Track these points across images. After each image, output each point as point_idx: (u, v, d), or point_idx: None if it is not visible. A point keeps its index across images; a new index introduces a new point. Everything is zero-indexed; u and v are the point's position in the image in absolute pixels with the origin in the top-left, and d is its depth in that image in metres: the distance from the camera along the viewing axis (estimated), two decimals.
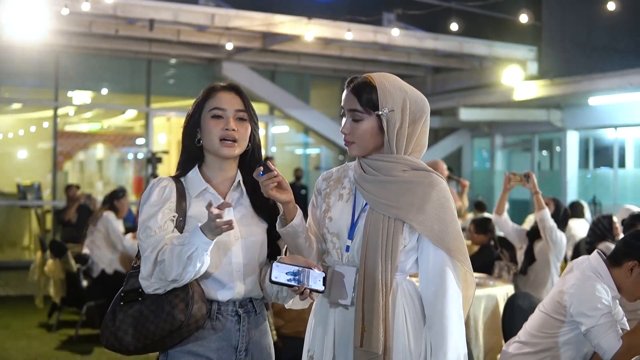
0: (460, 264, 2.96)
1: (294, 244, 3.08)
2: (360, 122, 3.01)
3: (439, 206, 2.94)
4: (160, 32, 14.60)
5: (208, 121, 3.12)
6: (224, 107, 3.12)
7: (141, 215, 3.04)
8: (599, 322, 4.46)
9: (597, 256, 4.74)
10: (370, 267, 2.93)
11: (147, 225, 2.99)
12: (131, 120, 19.79)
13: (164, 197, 3.06)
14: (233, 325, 3.09)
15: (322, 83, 20.46)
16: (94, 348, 8.57)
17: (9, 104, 17.99)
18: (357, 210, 3.07)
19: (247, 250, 3.11)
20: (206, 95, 3.18)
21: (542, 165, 20.37)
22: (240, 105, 3.15)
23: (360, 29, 15.14)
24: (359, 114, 3.01)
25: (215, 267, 3.05)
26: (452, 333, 2.90)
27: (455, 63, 18.30)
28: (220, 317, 3.07)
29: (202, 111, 3.15)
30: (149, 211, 3.03)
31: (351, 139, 3.04)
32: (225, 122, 3.10)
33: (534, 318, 4.95)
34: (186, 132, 3.20)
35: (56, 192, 16.85)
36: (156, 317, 2.95)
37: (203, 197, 3.11)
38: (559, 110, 18.32)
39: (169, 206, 3.05)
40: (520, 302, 5.98)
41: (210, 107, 3.13)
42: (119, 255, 9.27)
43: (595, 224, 7.33)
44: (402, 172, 2.99)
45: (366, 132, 3.00)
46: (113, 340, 3.03)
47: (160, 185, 3.11)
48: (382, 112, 2.97)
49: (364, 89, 3.01)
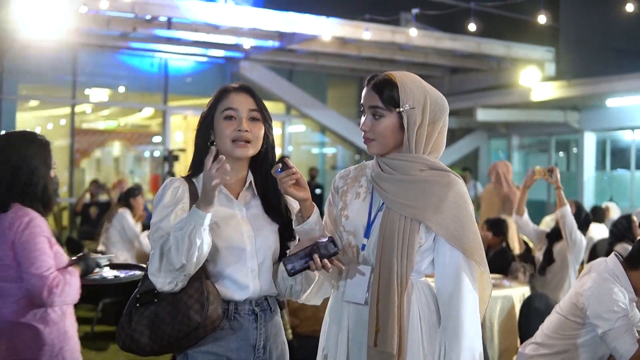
0: (476, 265, 2.94)
1: None
2: (380, 119, 3.00)
3: (456, 206, 2.93)
4: (178, 31, 14.62)
5: (220, 122, 3.12)
6: (236, 108, 3.11)
7: (154, 216, 3.06)
8: (615, 325, 4.45)
9: (615, 258, 4.74)
10: (386, 267, 2.92)
11: (159, 226, 3.01)
12: (148, 118, 19.84)
13: (176, 198, 3.07)
14: (250, 324, 3.10)
15: (339, 82, 20.43)
16: (110, 345, 8.58)
17: (26, 101, 18.04)
18: (373, 208, 3.06)
19: (261, 249, 3.11)
20: (218, 97, 3.17)
21: (559, 167, 20.23)
22: (252, 105, 3.14)
23: (378, 29, 15.13)
24: (380, 110, 2.99)
25: (230, 267, 3.06)
26: (466, 334, 2.89)
27: (473, 63, 18.27)
28: (237, 317, 3.08)
29: (215, 112, 3.15)
30: (161, 212, 3.04)
31: (371, 136, 3.02)
32: (237, 123, 3.09)
33: (550, 320, 4.94)
34: (199, 133, 3.20)
35: (73, 189, 16.90)
36: (172, 318, 2.96)
37: None
38: (576, 111, 18.28)
39: (182, 207, 3.05)
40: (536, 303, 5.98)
41: (223, 108, 3.13)
42: (135, 252, 9.29)
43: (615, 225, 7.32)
44: (420, 171, 2.97)
45: (387, 129, 2.99)
46: (129, 342, 3.04)
47: (173, 186, 3.11)
48: (403, 109, 2.96)
49: (385, 86, 3.00)
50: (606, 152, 19.17)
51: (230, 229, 3.07)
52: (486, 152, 21.16)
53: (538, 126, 19.49)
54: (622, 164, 18.75)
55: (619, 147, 19.10)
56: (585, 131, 18.42)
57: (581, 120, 18.34)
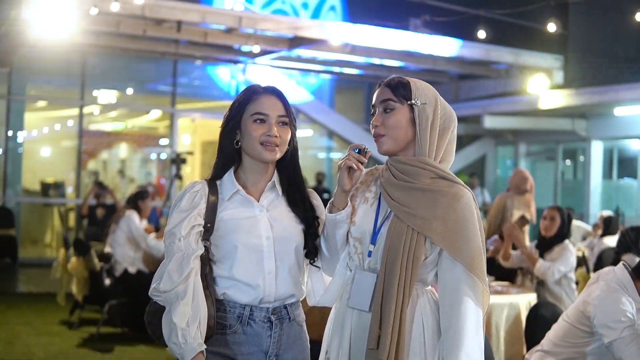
0: (478, 280, 2.91)
1: (333, 234, 3.11)
2: (392, 112, 3.01)
3: (461, 219, 2.92)
4: (188, 34, 14.65)
5: (250, 125, 3.13)
6: (266, 113, 3.13)
7: (170, 219, 3.10)
8: (622, 335, 4.45)
9: (623, 268, 4.74)
10: (390, 275, 2.92)
11: (173, 232, 3.06)
12: (156, 120, 19.87)
13: (193, 203, 3.10)
14: (264, 331, 3.12)
15: (348, 88, 20.45)
16: (115, 346, 8.61)
17: (34, 102, 18.07)
18: (380, 215, 3.06)
19: (279, 251, 3.13)
20: (247, 98, 3.18)
21: (566, 175, 20.29)
22: (282, 111, 3.16)
23: (387, 35, 15.13)
24: (392, 102, 3.01)
25: (246, 269, 3.08)
26: (465, 348, 2.86)
27: (481, 70, 18.25)
28: (252, 323, 3.10)
29: (244, 114, 3.16)
30: (177, 218, 3.09)
31: (382, 131, 3.03)
32: (268, 128, 3.11)
33: (557, 328, 4.94)
34: (225, 133, 3.20)
35: (80, 190, 16.92)
36: None
37: (234, 200, 3.15)
38: (584, 119, 18.25)
39: (197, 212, 3.08)
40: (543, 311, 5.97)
41: (253, 111, 3.14)
42: (142, 255, 9.31)
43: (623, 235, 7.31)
44: (430, 179, 2.97)
45: (398, 122, 3.00)
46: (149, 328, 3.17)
47: (192, 190, 3.14)
48: (415, 102, 2.99)
49: (398, 83, 3.04)
50: (613, 160, 19.13)
51: (248, 231, 3.10)
52: (493, 159, 21.15)
53: (545, 134, 19.47)
54: (629, 173, 18.72)
55: (627, 156, 19.07)
56: (592, 139, 18.39)
57: (589, 128, 18.32)
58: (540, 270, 7.07)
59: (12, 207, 16.05)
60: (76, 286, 9.42)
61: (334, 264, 3.18)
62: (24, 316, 10.17)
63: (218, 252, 3.11)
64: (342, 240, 3.12)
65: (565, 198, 19.20)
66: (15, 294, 12.37)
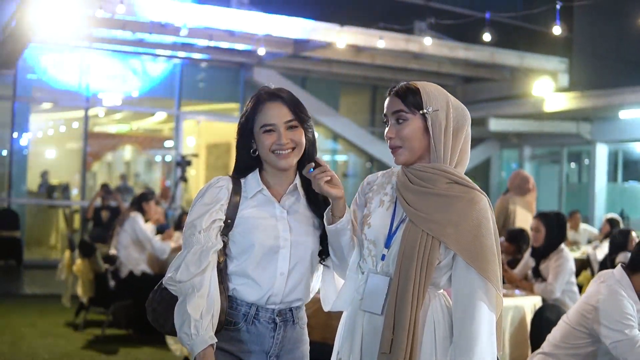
0: (492, 285, 2.90)
1: (337, 242, 3.12)
2: (404, 123, 3.00)
3: (477, 225, 2.90)
4: (193, 36, 14.65)
5: (261, 135, 3.15)
6: (273, 122, 3.14)
7: (191, 211, 3.14)
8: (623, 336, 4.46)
9: (620, 269, 4.78)
10: (404, 279, 2.91)
11: (194, 223, 3.09)
12: (160, 123, 19.89)
13: (216, 198, 3.13)
14: (268, 332, 3.15)
15: (352, 90, 20.43)
16: (120, 348, 8.62)
17: (40, 104, 18.08)
18: (396, 219, 3.05)
19: (295, 255, 3.15)
20: (254, 109, 3.20)
21: (571, 178, 20.29)
22: (288, 116, 3.16)
23: (392, 37, 15.13)
24: (404, 113, 3.00)
25: (258, 268, 3.11)
26: (477, 353, 2.85)
27: (486, 73, 18.25)
28: (256, 323, 3.13)
29: (254, 126, 3.18)
30: (199, 210, 3.12)
31: (398, 143, 3.02)
32: (277, 137, 3.13)
33: (558, 330, 4.96)
34: (240, 145, 3.24)
35: (85, 192, 16.93)
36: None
37: (256, 198, 3.18)
38: (589, 122, 18.26)
39: (219, 207, 3.11)
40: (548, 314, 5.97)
41: (260, 123, 3.16)
42: (147, 256, 9.32)
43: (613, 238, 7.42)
44: (446, 184, 2.95)
45: (412, 132, 2.99)
46: (152, 317, 3.19)
47: (216, 185, 3.18)
48: (427, 111, 2.97)
49: (407, 91, 3.02)
50: (618, 163, 19.13)
51: (267, 231, 3.12)
52: (497, 162, 21.16)
53: (550, 137, 19.48)
54: (634, 176, 18.73)
55: (631, 159, 19.07)
56: (597, 142, 18.40)
57: (593, 131, 18.32)
58: (539, 293, 7.00)
59: (17, 208, 16.06)
60: (81, 288, 9.43)
61: (344, 268, 3.18)
62: (29, 318, 10.18)
63: (235, 248, 3.14)
64: (348, 246, 3.12)
65: (570, 201, 19.20)
66: (20, 296, 12.39)
